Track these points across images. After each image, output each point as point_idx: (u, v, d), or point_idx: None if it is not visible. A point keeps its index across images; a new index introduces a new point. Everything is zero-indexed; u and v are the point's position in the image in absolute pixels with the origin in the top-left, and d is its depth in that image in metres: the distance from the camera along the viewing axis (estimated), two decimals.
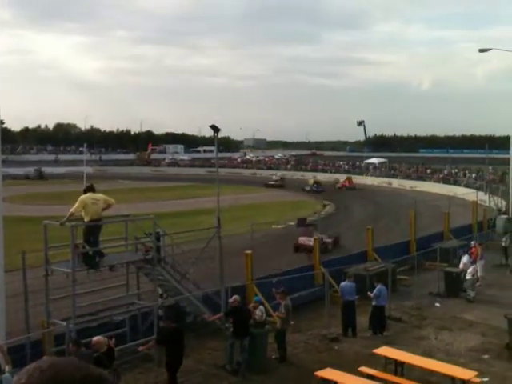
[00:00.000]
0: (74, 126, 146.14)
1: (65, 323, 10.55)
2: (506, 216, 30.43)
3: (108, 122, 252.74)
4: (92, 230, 11.50)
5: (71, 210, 11.32)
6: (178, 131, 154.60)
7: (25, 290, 11.60)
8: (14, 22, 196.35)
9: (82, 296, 11.76)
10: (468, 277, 17.58)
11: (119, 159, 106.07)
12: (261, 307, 12.83)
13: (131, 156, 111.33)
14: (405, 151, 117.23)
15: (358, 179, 70.05)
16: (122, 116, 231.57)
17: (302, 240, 26.67)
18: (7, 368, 8.36)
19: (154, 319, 11.68)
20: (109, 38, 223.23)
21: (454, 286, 17.82)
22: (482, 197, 34.92)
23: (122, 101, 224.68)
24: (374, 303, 14.12)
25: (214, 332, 12.94)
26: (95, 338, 9.01)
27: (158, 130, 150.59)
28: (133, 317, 12.32)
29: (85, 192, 11.62)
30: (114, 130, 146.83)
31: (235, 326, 11.49)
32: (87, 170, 59.31)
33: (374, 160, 78.31)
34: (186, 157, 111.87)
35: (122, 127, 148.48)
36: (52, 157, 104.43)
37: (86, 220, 11.39)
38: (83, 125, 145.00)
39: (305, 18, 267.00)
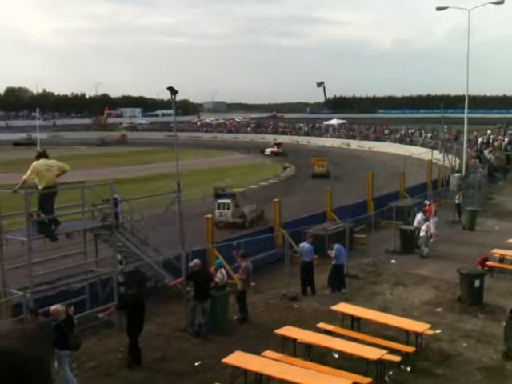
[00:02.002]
0: (26, 91, 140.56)
1: (22, 293, 10.38)
2: (459, 174, 31.39)
3: (62, 85, 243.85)
4: (46, 198, 11.20)
5: (24, 178, 10.96)
6: (135, 94, 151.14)
7: None
8: None
9: (38, 265, 11.55)
10: (422, 234, 18.18)
11: (74, 124, 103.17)
12: (222, 270, 12.95)
13: (87, 121, 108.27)
14: (363, 112, 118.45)
15: (318, 141, 70.62)
16: (77, 79, 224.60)
17: (269, 150, 57.85)
18: None
19: (114, 286, 11.64)
20: None
21: (409, 242, 18.43)
22: (437, 156, 35.82)
23: (76, 63, 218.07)
24: (333, 262, 14.46)
25: (175, 296, 12.99)
26: (53, 307, 8.91)
27: (115, 93, 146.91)
28: (92, 284, 12.23)
29: (37, 158, 11.24)
30: (69, 93, 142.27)
31: (196, 290, 11.57)
32: (41, 135, 57.60)
33: (334, 121, 78.90)
34: (143, 121, 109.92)
35: (77, 91, 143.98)
36: (2, 123, 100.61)
37: (39, 187, 11.05)
38: (35, 89, 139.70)
39: None
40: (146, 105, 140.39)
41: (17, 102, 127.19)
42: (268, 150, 58.74)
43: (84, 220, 12.52)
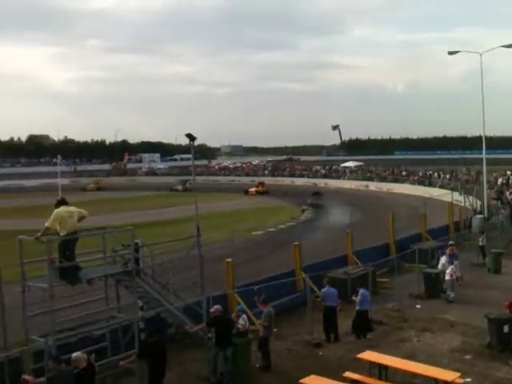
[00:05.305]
0: (47, 138, 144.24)
1: (43, 340, 10.28)
2: (481, 216, 30.92)
3: (82, 132, 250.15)
4: (68, 244, 11.24)
5: (46, 225, 11.03)
6: (154, 140, 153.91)
7: (1, 307, 11.28)
8: None
9: (60, 311, 11.47)
10: (447, 277, 17.77)
11: (94, 170, 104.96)
12: (243, 316, 12.73)
13: (107, 166, 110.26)
14: (380, 154, 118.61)
15: (335, 183, 70.61)
16: (97, 126, 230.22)
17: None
18: None
19: (135, 332, 11.47)
20: (82, 48, 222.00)
21: (434, 286, 17.97)
22: (457, 197, 35.45)
23: (96, 111, 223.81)
24: (357, 308, 14.13)
25: (196, 342, 12.75)
26: (74, 355, 8.78)
27: (134, 139, 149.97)
28: (113, 331, 12.06)
29: (57, 206, 11.33)
30: (89, 140, 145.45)
31: (217, 337, 11.36)
32: (62, 181, 58.64)
33: (350, 163, 79.20)
34: (162, 165, 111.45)
35: (97, 137, 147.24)
36: (28, 169, 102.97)
37: (61, 234, 11.10)
38: (56, 136, 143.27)
39: (279, 24, 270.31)
40: (165, 150, 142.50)
41: (38, 149, 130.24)
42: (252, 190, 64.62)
43: (105, 266, 12.47)
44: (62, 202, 11.50)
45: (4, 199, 60.94)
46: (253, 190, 65.04)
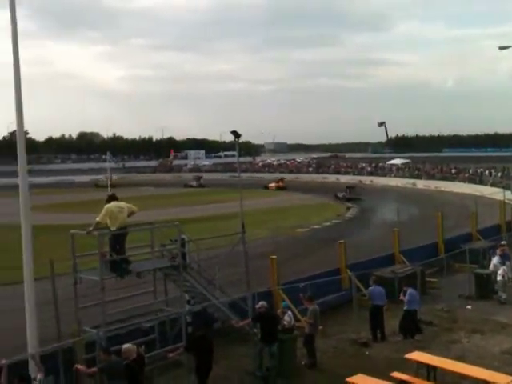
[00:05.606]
0: (97, 135, 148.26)
1: (95, 331, 10.60)
2: None
3: (130, 129, 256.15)
4: (118, 238, 11.55)
5: (97, 219, 11.36)
6: (199, 137, 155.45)
7: (54, 299, 11.71)
8: (38, 33, 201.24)
9: (110, 303, 11.80)
10: (499, 278, 17.21)
11: (142, 166, 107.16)
12: (289, 313, 12.74)
13: (153, 163, 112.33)
14: (427, 151, 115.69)
15: (381, 180, 69.46)
16: (144, 123, 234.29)
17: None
18: (39, 376, 8.43)
19: (183, 326, 11.67)
20: (129, 47, 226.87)
21: (485, 287, 17.44)
22: (510, 196, 34.21)
23: (143, 108, 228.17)
24: (405, 308, 13.89)
25: (242, 338, 12.86)
26: (125, 346, 9.01)
27: (180, 136, 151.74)
28: (161, 323, 12.31)
29: (108, 201, 11.66)
30: (137, 137, 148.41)
31: (263, 332, 11.40)
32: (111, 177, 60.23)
33: (397, 161, 77.70)
34: (207, 162, 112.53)
35: (144, 134, 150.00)
36: (77, 165, 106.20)
37: (112, 228, 11.43)
38: (106, 133, 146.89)
39: (323, 20, 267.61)
40: (210, 147, 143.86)
41: (88, 146, 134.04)
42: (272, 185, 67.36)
43: (153, 260, 12.75)
44: (113, 198, 11.84)
45: (55, 194, 63.06)
46: (273, 185, 67.66)
